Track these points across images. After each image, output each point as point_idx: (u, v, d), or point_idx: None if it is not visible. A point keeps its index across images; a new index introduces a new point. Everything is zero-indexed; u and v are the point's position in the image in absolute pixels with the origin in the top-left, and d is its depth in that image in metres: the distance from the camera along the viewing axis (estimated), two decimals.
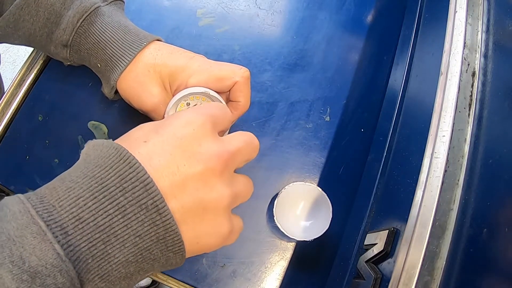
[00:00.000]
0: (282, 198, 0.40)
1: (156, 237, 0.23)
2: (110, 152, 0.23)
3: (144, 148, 0.24)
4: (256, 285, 0.40)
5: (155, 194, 0.22)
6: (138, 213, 0.22)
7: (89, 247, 0.21)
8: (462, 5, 0.35)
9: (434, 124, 0.31)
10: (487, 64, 0.32)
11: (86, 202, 0.21)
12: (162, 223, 0.22)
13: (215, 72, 0.35)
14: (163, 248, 0.23)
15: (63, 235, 0.20)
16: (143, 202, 0.22)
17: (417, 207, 0.28)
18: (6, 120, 0.43)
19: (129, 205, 0.22)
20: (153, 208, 0.22)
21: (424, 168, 0.30)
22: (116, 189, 0.22)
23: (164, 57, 0.36)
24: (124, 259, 0.22)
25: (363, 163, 0.45)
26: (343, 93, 0.48)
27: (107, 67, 0.37)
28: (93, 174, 0.22)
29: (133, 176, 0.22)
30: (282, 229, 0.38)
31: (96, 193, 0.21)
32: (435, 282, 0.25)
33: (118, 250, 0.22)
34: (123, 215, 0.22)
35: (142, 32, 0.38)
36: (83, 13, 0.36)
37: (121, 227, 0.22)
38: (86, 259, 0.21)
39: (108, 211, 0.21)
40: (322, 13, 0.53)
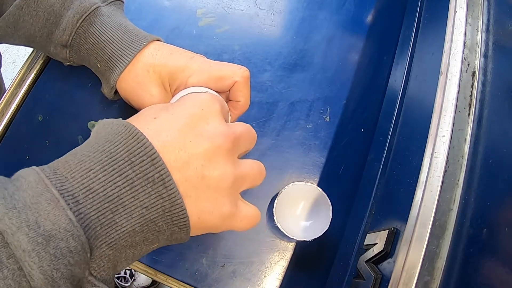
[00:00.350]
0: (282, 198, 0.40)
1: (162, 209, 0.24)
2: (119, 129, 0.24)
3: (153, 124, 0.25)
4: (256, 285, 0.40)
5: (161, 168, 0.23)
6: (146, 185, 0.23)
7: (98, 215, 0.22)
8: (462, 5, 0.35)
9: (434, 124, 0.31)
10: (487, 64, 0.32)
11: (96, 174, 0.22)
12: (168, 196, 0.23)
13: (215, 72, 0.35)
14: (168, 221, 0.24)
15: (74, 203, 0.21)
16: (150, 175, 0.23)
17: (417, 207, 0.28)
18: (6, 120, 0.43)
19: (136, 178, 0.23)
20: (160, 182, 0.23)
21: (424, 168, 0.30)
22: (124, 162, 0.23)
23: (164, 57, 0.36)
24: (131, 229, 0.23)
25: (363, 163, 0.45)
26: (343, 93, 0.48)
27: (107, 67, 0.37)
28: (103, 149, 0.23)
29: (141, 151, 0.23)
30: (282, 229, 0.38)
31: (106, 165, 0.23)
32: (435, 282, 0.25)
33: (125, 220, 0.23)
34: (131, 187, 0.23)
35: (141, 32, 0.38)
36: (82, 13, 0.36)
37: (129, 198, 0.23)
38: (95, 227, 0.22)
39: (116, 183, 0.22)
40: (322, 13, 0.53)
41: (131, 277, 1.07)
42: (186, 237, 0.26)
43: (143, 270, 0.40)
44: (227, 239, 0.41)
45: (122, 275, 1.07)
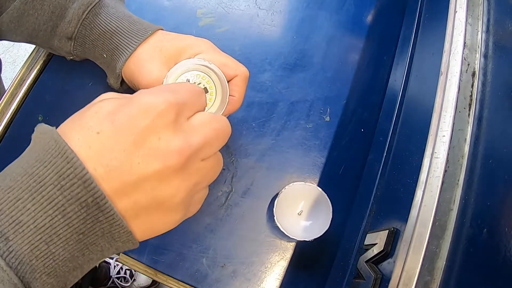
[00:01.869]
0: (282, 198, 0.40)
1: (101, 232, 0.22)
2: (50, 145, 0.22)
3: (95, 142, 0.22)
4: (256, 285, 0.40)
5: (94, 191, 0.21)
6: (79, 211, 0.21)
7: (32, 249, 0.21)
8: (462, 5, 0.35)
9: (434, 124, 0.31)
10: (487, 64, 0.32)
11: (25, 204, 0.21)
12: (106, 219, 0.22)
13: (221, 57, 0.36)
14: (110, 240, 0.23)
15: (3, 242, 0.20)
16: (82, 200, 0.21)
17: (417, 207, 0.28)
18: (6, 120, 0.43)
19: (68, 204, 0.21)
20: (94, 206, 0.21)
21: (424, 168, 0.30)
22: (54, 187, 0.21)
23: (172, 38, 0.37)
24: (69, 256, 0.22)
25: (363, 163, 0.45)
26: (343, 93, 0.48)
27: (113, 57, 0.38)
28: (32, 171, 0.21)
29: (71, 172, 0.21)
30: (282, 229, 0.38)
31: (34, 193, 0.21)
32: (435, 282, 0.25)
33: (62, 249, 0.21)
34: (63, 215, 0.21)
35: (146, 22, 0.38)
36: (88, 5, 0.37)
37: (62, 226, 0.21)
38: (30, 260, 0.21)
39: (47, 212, 0.21)
40: (322, 13, 0.53)
41: (131, 277, 1.07)
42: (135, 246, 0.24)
43: (143, 270, 0.40)
44: (227, 239, 0.41)
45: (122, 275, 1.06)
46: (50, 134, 0.22)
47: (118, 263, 1.08)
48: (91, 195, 0.21)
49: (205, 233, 0.41)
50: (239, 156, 0.44)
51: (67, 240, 0.21)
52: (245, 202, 0.43)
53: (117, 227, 0.22)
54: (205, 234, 0.41)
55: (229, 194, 0.43)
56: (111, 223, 0.22)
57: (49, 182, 0.21)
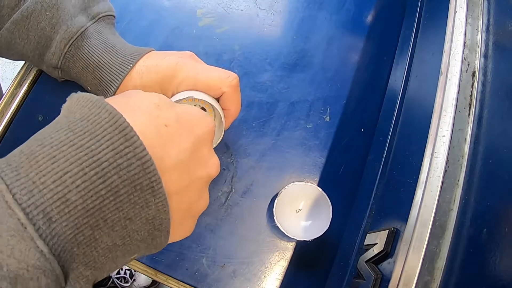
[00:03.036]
0: (282, 198, 0.40)
1: (145, 218, 0.21)
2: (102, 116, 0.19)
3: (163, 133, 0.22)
4: (256, 285, 0.40)
5: (152, 174, 0.19)
6: (132, 194, 0.19)
7: (76, 234, 0.18)
8: (462, 5, 0.35)
9: (434, 124, 0.31)
10: (487, 64, 0.32)
11: (74, 179, 0.18)
12: (155, 204, 0.20)
13: (202, 80, 0.34)
14: (150, 228, 0.22)
15: (46, 223, 0.17)
16: (138, 182, 0.19)
17: (417, 207, 0.28)
18: (6, 120, 0.43)
19: (122, 185, 0.19)
20: (148, 189, 0.20)
21: (424, 168, 0.30)
22: (109, 165, 0.18)
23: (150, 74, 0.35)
24: (111, 244, 0.20)
25: (363, 163, 0.45)
26: (343, 93, 0.48)
27: (98, 91, 0.38)
28: (82, 143, 0.18)
29: (130, 151, 0.19)
30: (282, 229, 0.38)
31: (86, 168, 0.18)
32: (435, 282, 0.25)
33: (106, 235, 0.19)
34: (115, 197, 0.19)
35: (130, 49, 0.37)
36: (69, 38, 0.36)
37: (112, 210, 0.19)
38: (71, 248, 0.18)
39: (99, 192, 0.18)
40: (322, 13, 0.53)
41: (131, 277, 1.07)
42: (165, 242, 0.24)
43: (143, 270, 0.40)
44: (227, 239, 0.41)
45: (122, 275, 1.06)
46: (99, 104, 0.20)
47: None
48: (149, 177, 0.19)
49: (205, 233, 0.41)
50: (239, 156, 0.44)
51: (113, 226, 0.19)
52: (245, 202, 0.43)
53: (163, 213, 0.21)
54: (205, 234, 0.41)
55: (229, 194, 0.43)
56: (159, 208, 0.21)
57: (103, 158, 0.18)
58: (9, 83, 0.45)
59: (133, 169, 0.19)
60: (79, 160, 0.18)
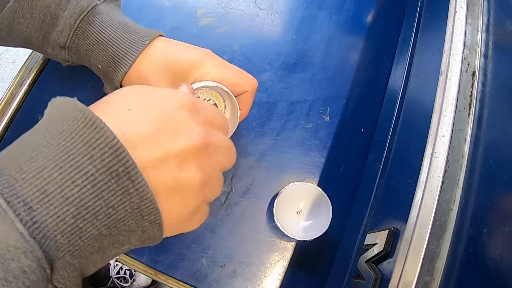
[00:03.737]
0: (282, 198, 0.40)
1: (130, 206, 0.21)
2: (75, 115, 0.21)
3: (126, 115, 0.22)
4: (256, 285, 0.40)
5: (126, 160, 0.20)
6: (109, 181, 0.20)
7: (57, 222, 0.19)
8: (462, 5, 0.35)
9: (434, 124, 0.31)
10: (487, 64, 0.32)
11: (51, 173, 0.19)
12: (136, 191, 0.21)
13: (230, 76, 0.35)
14: (138, 218, 0.22)
15: (26, 211, 0.19)
16: (113, 169, 0.20)
17: (417, 207, 0.28)
18: (6, 120, 0.43)
19: (98, 174, 0.20)
20: (125, 176, 0.20)
21: (424, 168, 0.30)
22: (83, 157, 0.20)
23: (175, 54, 0.35)
24: (97, 233, 0.21)
25: (363, 163, 0.45)
26: (343, 93, 0.48)
27: (109, 68, 0.36)
28: (58, 142, 0.20)
29: (102, 141, 0.20)
30: (282, 229, 0.38)
31: (61, 162, 0.20)
32: (435, 282, 0.25)
33: (90, 224, 0.20)
34: (92, 185, 0.20)
35: (142, 29, 0.37)
36: (80, 13, 0.35)
37: (92, 197, 0.20)
38: (55, 236, 0.19)
39: (75, 182, 0.20)
40: (322, 13, 0.53)
41: (131, 277, 1.07)
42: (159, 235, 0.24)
43: (143, 270, 0.40)
44: (227, 239, 0.41)
45: (122, 275, 1.06)
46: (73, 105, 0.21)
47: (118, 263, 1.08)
48: (123, 163, 0.20)
49: (205, 233, 0.41)
50: (239, 156, 0.44)
51: (96, 214, 0.20)
52: (245, 202, 0.43)
53: (146, 200, 0.21)
54: (205, 234, 0.41)
55: (229, 194, 0.43)
56: (141, 195, 0.21)
57: (77, 152, 0.20)
58: (9, 83, 0.45)
59: (106, 157, 0.20)
60: (55, 157, 0.20)
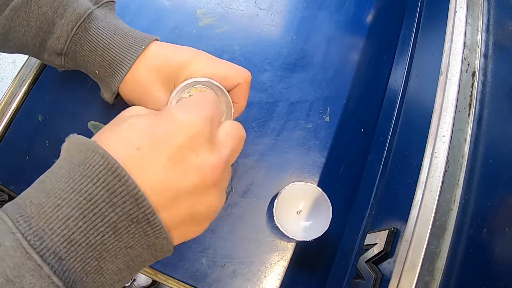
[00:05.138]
0: (282, 198, 0.40)
1: (146, 244, 0.23)
2: (96, 160, 0.22)
3: (136, 157, 0.23)
4: (256, 285, 0.40)
5: (146, 208, 0.22)
6: (129, 226, 0.22)
7: (83, 266, 0.21)
8: (462, 5, 0.35)
9: (434, 124, 0.31)
10: (487, 64, 0.32)
11: (76, 222, 0.21)
12: (153, 233, 0.23)
13: (220, 70, 0.35)
14: (153, 251, 0.24)
15: (57, 262, 0.20)
16: (133, 216, 0.22)
17: (417, 207, 0.28)
18: (6, 120, 0.43)
19: (119, 221, 0.22)
20: (144, 221, 0.22)
21: (424, 168, 0.30)
22: (106, 204, 0.21)
23: (166, 55, 0.36)
24: (116, 269, 0.23)
25: (363, 163, 0.45)
26: (343, 93, 0.48)
27: (106, 73, 0.37)
28: (80, 188, 0.21)
29: (123, 190, 0.21)
30: (282, 229, 0.38)
31: (85, 211, 0.21)
32: (435, 282, 0.25)
33: (110, 263, 0.22)
34: (114, 231, 0.22)
35: (139, 34, 0.37)
36: (77, 20, 0.35)
37: (113, 242, 0.22)
38: (81, 278, 0.21)
39: (99, 229, 0.21)
40: (322, 13, 0.53)
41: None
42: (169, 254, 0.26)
43: (143, 270, 0.40)
44: (227, 239, 0.41)
45: None
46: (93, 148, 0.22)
47: None
48: (143, 211, 0.22)
49: (205, 233, 0.41)
50: (239, 156, 0.44)
51: (116, 254, 0.22)
52: (245, 202, 0.43)
53: (162, 239, 0.23)
54: (205, 234, 0.41)
55: (229, 194, 0.43)
56: (157, 235, 0.23)
57: (100, 199, 0.21)
58: (9, 83, 0.45)
59: (127, 206, 0.22)
60: (79, 205, 0.21)
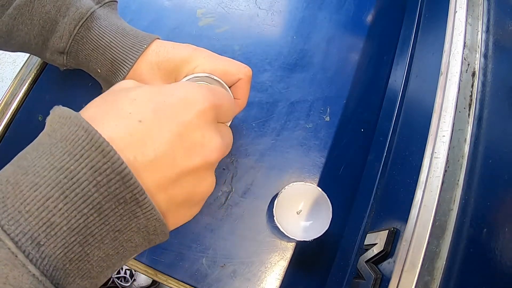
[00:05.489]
0: (282, 198, 0.40)
1: (137, 227, 0.21)
2: (78, 134, 0.20)
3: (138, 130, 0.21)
4: (256, 285, 0.40)
5: (134, 187, 0.20)
6: (116, 208, 0.20)
7: (65, 252, 0.19)
8: (462, 5, 0.35)
9: (434, 124, 0.31)
10: (487, 64, 0.32)
11: (56, 204, 0.19)
12: (143, 214, 0.21)
13: (221, 65, 0.35)
14: (145, 234, 0.22)
15: (35, 248, 0.18)
16: (120, 196, 0.20)
17: (417, 207, 0.28)
18: (6, 120, 0.43)
19: (104, 201, 0.19)
20: (133, 201, 0.20)
21: (424, 168, 0.30)
22: (89, 183, 0.19)
23: (167, 52, 0.36)
24: (104, 255, 0.21)
25: (363, 163, 0.45)
26: (343, 93, 0.48)
27: (109, 72, 0.37)
28: (61, 165, 0.19)
29: (108, 167, 0.19)
30: (282, 229, 0.38)
31: (66, 190, 0.19)
32: (435, 282, 0.25)
33: (96, 249, 0.20)
34: (99, 213, 0.20)
35: (140, 33, 0.37)
36: (79, 19, 0.35)
37: (98, 225, 0.20)
38: (64, 265, 0.19)
39: (82, 211, 0.19)
40: (322, 13, 0.53)
41: (131, 277, 1.07)
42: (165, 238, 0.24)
43: (143, 270, 0.40)
44: (227, 239, 0.41)
45: (122, 275, 1.06)
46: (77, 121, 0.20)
47: None
48: (130, 190, 0.20)
49: (205, 233, 0.41)
50: (239, 156, 0.44)
51: (102, 239, 0.20)
52: (245, 202, 0.43)
53: (154, 221, 0.21)
54: (205, 234, 0.41)
55: (229, 194, 0.43)
56: (148, 217, 0.21)
57: (83, 177, 0.19)
58: (9, 83, 0.45)
59: (113, 185, 0.19)
60: (59, 184, 0.19)
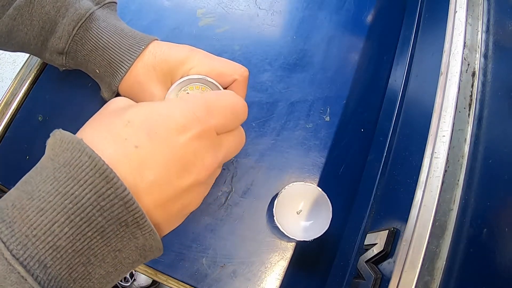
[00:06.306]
0: (282, 198, 0.40)
1: (135, 246, 0.23)
2: (83, 161, 0.20)
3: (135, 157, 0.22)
4: (256, 285, 0.40)
5: (136, 211, 0.21)
6: (118, 230, 0.21)
7: (70, 272, 0.21)
8: (462, 5, 0.35)
9: (434, 124, 0.31)
10: (487, 64, 0.32)
11: (62, 228, 0.20)
12: (143, 235, 0.22)
13: (216, 66, 0.35)
14: (141, 252, 0.23)
15: (42, 270, 0.19)
16: (122, 219, 0.21)
17: (417, 207, 0.28)
18: (6, 120, 0.43)
19: (107, 225, 0.21)
20: (134, 225, 0.21)
21: (424, 168, 0.30)
22: (93, 208, 0.20)
23: (163, 53, 0.36)
24: (104, 273, 0.22)
25: (363, 163, 0.45)
26: (343, 93, 0.48)
27: (107, 73, 0.37)
28: (66, 190, 0.20)
29: (111, 192, 0.20)
30: (282, 229, 0.38)
31: (71, 215, 0.20)
32: (435, 282, 0.25)
33: (98, 267, 0.22)
34: (102, 236, 0.21)
35: (138, 34, 0.37)
36: (78, 20, 0.36)
37: (101, 246, 0.21)
38: (68, 285, 0.21)
39: (86, 234, 0.20)
40: (322, 13, 0.53)
41: (131, 277, 1.07)
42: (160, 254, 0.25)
43: (143, 270, 0.40)
44: (227, 239, 0.41)
45: None
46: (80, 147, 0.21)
47: None
48: (132, 214, 0.21)
49: (205, 233, 0.41)
50: (239, 156, 0.44)
51: (104, 258, 0.22)
52: (245, 202, 0.43)
53: (152, 240, 0.23)
54: (205, 234, 0.41)
55: (229, 194, 0.43)
56: (146, 238, 0.22)
57: (87, 202, 0.20)
58: (9, 83, 0.45)
59: (116, 209, 0.21)
60: (65, 209, 0.20)
